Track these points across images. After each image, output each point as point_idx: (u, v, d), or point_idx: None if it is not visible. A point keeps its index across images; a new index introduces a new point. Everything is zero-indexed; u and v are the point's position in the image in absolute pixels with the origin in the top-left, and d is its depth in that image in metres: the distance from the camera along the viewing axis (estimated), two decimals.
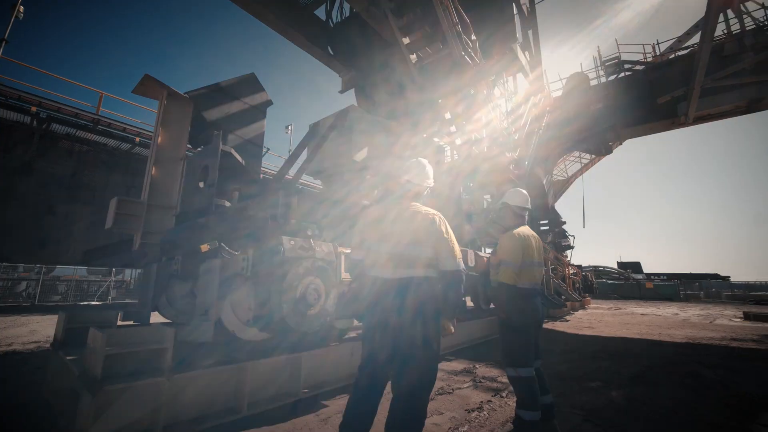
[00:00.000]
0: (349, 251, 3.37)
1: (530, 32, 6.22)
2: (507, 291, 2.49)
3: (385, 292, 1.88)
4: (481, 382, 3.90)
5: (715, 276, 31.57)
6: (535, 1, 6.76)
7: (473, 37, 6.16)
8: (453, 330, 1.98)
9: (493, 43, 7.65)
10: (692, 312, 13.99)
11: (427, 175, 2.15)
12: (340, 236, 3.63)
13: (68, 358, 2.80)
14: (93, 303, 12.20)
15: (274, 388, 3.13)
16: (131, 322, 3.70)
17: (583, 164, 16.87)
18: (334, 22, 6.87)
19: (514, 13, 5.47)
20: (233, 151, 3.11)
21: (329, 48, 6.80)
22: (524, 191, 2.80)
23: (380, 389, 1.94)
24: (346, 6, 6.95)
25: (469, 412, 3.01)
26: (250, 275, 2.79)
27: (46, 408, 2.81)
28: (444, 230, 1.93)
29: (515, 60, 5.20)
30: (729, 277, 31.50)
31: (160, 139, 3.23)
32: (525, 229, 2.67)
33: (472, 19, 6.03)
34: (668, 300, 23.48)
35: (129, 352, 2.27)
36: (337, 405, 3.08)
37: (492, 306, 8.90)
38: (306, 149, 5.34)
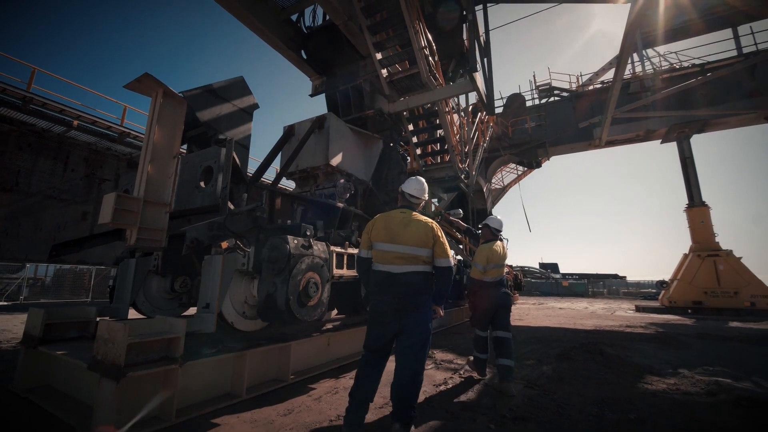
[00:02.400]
0: (339, 250, 3.74)
1: (485, 60, 7.08)
2: (473, 283, 3.85)
3: (394, 284, 2.34)
4: (441, 364, 4.52)
5: (615, 276, 37.10)
6: (489, 30, 7.66)
7: (437, 58, 6.84)
8: (442, 314, 2.51)
9: (453, 67, 8.47)
10: (598, 306, 16.53)
11: (424, 191, 2.65)
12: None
13: (59, 353, 2.78)
14: (1, 303, 10.58)
15: (267, 375, 3.40)
16: (107, 318, 3.64)
17: (518, 175, 18.85)
18: (308, 27, 7.06)
19: (476, 46, 6.24)
20: (234, 154, 3.27)
21: (302, 52, 6.98)
22: (500, 218, 4.08)
23: (385, 362, 2.40)
24: (319, 13, 7.19)
25: (436, 386, 3.58)
26: (252, 270, 3.03)
27: (29, 407, 2.75)
28: (440, 235, 2.44)
29: (473, 84, 5.95)
30: (626, 276, 37.22)
31: (153, 136, 3.27)
32: (495, 243, 3.91)
33: (437, 45, 6.71)
34: (580, 296, 27.12)
35: (143, 342, 2.41)
36: (324, 387, 3.45)
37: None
38: (281, 151, 5.53)
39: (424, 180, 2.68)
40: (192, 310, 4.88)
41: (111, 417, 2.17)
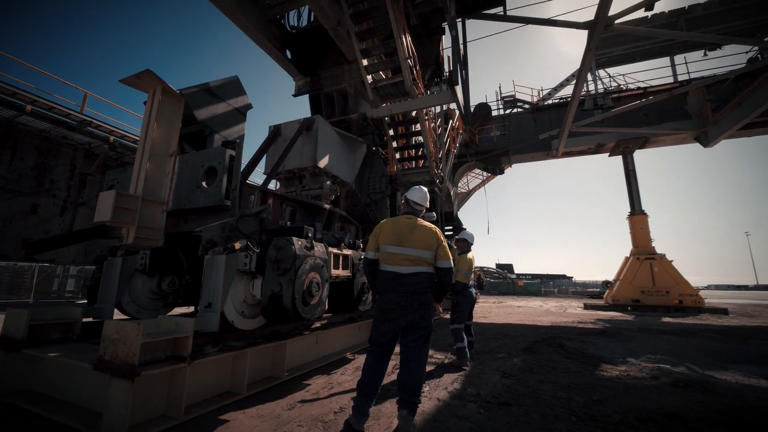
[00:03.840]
0: (336, 251, 3.89)
1: (463, 72, 7.50)
2: (461, 286, 4.61)
3: (402, 283, 2.55)
4: None
5: (563, 276, 40.08)
6: (467, 42, 8.11)
7: (418, 67, 7.16)
8: (441, 310, 2.77)
9: (429, 75, 8.83)
10: (551, 304, 17.85)
11: (427, 199, 2.90)
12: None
13: (51, 355, 2.68)
14: None
15: (262, 372, 3.48)
16: (91, 319, 3.51)
17: (482, 180, 19.80)
18: (295, 28, 7.05)
19: (458, 60, 6.63)
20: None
21: (288, 52, 6.95)
22: (471, 232, 5.02)
23: (390, 356, 2.61)
24: (304, 15, 7.21)
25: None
26: (254, 270, 3.10)
27: (15, 412, 2.63)
28: (442, 239, 2.70)
29: (454, 96, 6.32)
30: (572, 277, 40.33)
31: (151, 133, 3.22)
32: (470, 252, 4.82)
33: (420, 56, 7.01)
34: (534, 295, 28.98)
35: (153, 342, 2.42)
36: (318, 383, 3.58)
37: None
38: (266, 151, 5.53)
39: (426, 189, 2.93)
40: (178, 310, 4.79)
41: (124, 416, 2.17)
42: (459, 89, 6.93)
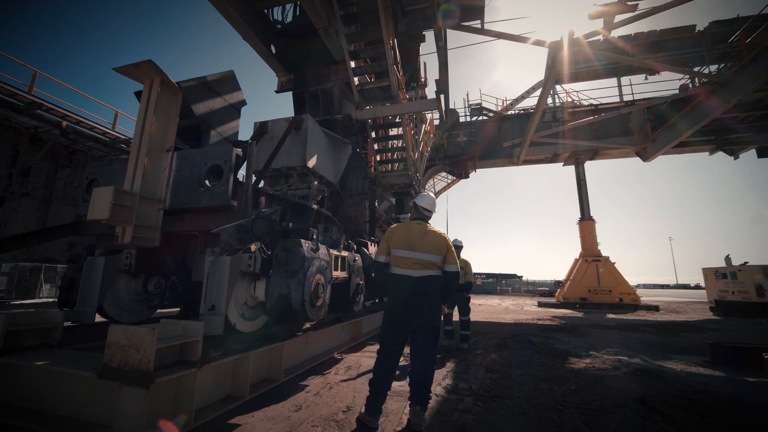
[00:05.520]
0: (336, 253, 3.92)
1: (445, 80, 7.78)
2: (469, 285, 5.59)
3: (413, 286, 2.68)
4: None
5: (515, 275, 42.52)
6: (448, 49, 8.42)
7: (401, 73, 7.32)
8: (447, 311, 2.94)
9: (410, 83, 9.04)
10: (509, 302, 18.94)
11: (435, 205, 3.05)
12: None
13: (38, 363, 2.46)
14: None
15: (259, 375, 3.43)
16: (69, 323, 3.24)
17: (447, 183, 20.50)
18: (279, 23, 6.87)
19: (439, 69, 6.88)
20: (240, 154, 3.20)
21: (272, 46, 6.76)
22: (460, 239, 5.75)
23: (400, 355, 2.74)
24: (289, 12, 7.06)
25: None
26: (258, 272, 3.06)
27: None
28: (450, 244, 2.86)
29: (438, 104, 6.57)
30: (523, 276, 42.92)
31: (149, 127, 3.05)
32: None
33: (404, 64, 7.18)
34: (491, 293, 30.52)
35: (163, 347, 2.33)
36: (315, 384, 3.61)
37: None
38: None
39: (434, 196, 3.09)
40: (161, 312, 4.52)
41: (139, 426, 2.09)
42: (441, 97, 7.20)
